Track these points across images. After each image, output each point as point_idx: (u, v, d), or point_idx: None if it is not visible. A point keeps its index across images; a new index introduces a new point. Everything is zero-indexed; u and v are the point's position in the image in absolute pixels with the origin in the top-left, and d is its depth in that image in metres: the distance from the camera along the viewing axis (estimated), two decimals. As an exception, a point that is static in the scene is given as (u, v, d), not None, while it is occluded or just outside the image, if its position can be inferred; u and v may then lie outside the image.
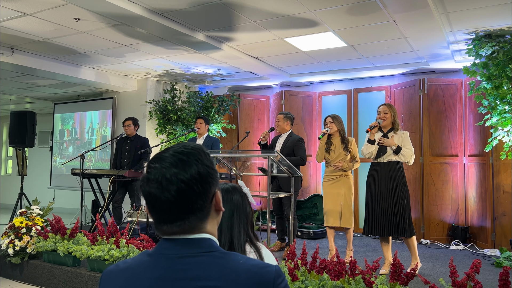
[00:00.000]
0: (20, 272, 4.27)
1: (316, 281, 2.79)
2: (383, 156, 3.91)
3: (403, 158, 3.86)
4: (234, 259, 0.92)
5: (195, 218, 0.94)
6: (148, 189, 0.93)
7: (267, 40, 4.99)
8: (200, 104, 6.93)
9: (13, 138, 6.73)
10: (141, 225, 4.78)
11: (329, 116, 4.44)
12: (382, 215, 3.83)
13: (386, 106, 4.01)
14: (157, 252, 0.95)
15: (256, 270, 0.89)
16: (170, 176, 0.92)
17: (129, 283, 0.93)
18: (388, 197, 3.83)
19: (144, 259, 0.95)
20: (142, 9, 4.05)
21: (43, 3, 3.98)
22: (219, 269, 0.89)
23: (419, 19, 4.10)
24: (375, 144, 3.94)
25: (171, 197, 0.91)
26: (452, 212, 5.63)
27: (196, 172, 0.93)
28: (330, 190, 4.37)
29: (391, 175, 3.86)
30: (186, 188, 0.92)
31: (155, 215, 0.95)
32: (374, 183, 3.92)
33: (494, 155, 4.97)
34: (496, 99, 4.57)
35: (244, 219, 1.66)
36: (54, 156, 8.34)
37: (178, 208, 0.92)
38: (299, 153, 4.65)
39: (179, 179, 0.92)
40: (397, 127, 3.97)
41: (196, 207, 0.94)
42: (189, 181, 0.92)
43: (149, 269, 0.93)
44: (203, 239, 0.95)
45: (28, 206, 4.67)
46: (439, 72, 6.08)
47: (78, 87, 7.46)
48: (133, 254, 3.63)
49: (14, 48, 5.49)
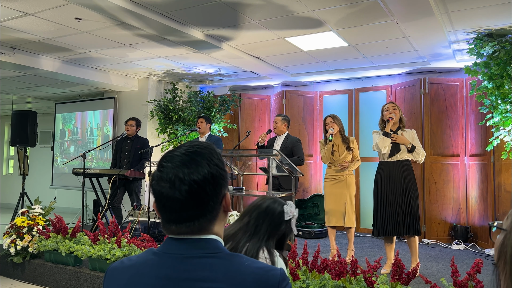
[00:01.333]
0: (22, 271, 4.27)
1: (317, 280, 2.79)
2: (396, 154, 3.83)
3: (418, 156, 3.80)
4: (239, 261, 0.92)
5: (204, 220, 0.94)
6: (159, 188, 0.93)
7: (268, 39, 4.98)
8: (201, 104, 6.94)
9: (15, 138, 6.74)
10: (143, 224, 4.79)
11: (329, 116, 4.41)
12: (397, 215, 3.75)
13: (394, 103, 3.97)
14: (163, 251, 0.95)
15: (261, 273, 0.89)
16: (183, 175, 0.91)
17: (134, 280, 0.93)
18: (402, 196, 3.77)
19: (150, 257, 0.95)
20: (143, 9, 4.06)
21: (44, 3, 3.99)
22: (224, 271, 0.89)
23: (420, 19, 4.09)
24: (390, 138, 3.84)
25: (182, 197, 0.91)
26: (454, 211, 5.63)
27: (209, 172, 0.93)
28: (332, 190, 4.37)
29: (405, 173, 3.79)
30: (198, 188, 0.91)
31: (164, 214, 0.94)
32: (386, 182, 3.83)
33: (495, 154, 4.97)
34: (497, 99, 4.56)
35: (274, 229, 1.67)
36: (56, 155, 8.35)
37: (188, 208, 0.92)
38: (297, 154, 4.77)
39: (191, 179, 0.91)
40: (404, 125, 3.92)
41: (206, 208, 0.94)
42: (201, 181, 0.92)
43: (155, 268, 0.93)
44: (210, 240, 0.95)
45: (29, 206, 4.68)
46: (441, 71, 6.08)
47: (79, 87, 7.46)
48: (135, 253, 3.63)
49: (15, 48, 5.49)
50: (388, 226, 3.78)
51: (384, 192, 3.83)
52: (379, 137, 3.88)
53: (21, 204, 6.42)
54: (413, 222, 3.74)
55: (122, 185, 5.45)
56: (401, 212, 3.76)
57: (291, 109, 6.80)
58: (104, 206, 5.22)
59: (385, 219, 3.80)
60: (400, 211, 3.76)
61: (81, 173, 5.19)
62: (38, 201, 4.76)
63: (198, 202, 0.92)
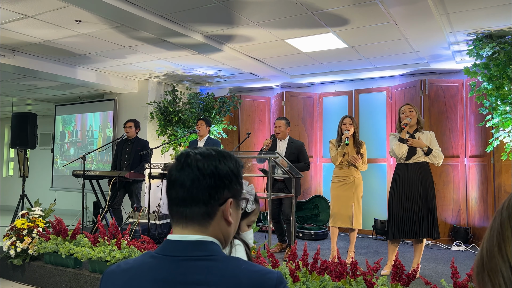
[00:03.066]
0: (22, 273, 4.27)
1: (317, 282, 2.79)
2: (413, 157, 3.78)
3: (434, 159, 3.74)
4: (235, 265, 0.92)
5: (208, 210, 0.96)
6: (170, 171, 0.99)
7: (268, 41, 4.99)
8: (201, 105, 6.94)
9: (15, 140, 6.74)
10: (142, 226, 4.79)
11: (348, 117, 4.35)
12: (414, 217, 3.70)
13: (410, 105, 3.89)
14: (160, 253, 0.95)
15: (257, 276, 0.89)
16: (208, 164, 0.97)
17: (131, 284, 0.93)
18: (419, 198, 3.71)
19: (147, 260, 0.96)
20: (142, 11, 4.06)
21: (44, 5, 3.99)
22: (221, 274, 0.89)
23: (419, 20, 4.10)
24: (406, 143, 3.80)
25: (187, 177, 0.96)
26: (454, 212, 5.63)
27: (232, 166, 0.99)
28: (339, 192, 4.34)
29: (422, 176, 3.74)
30: (201, 175, 0.96)
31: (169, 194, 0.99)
32: (404, 185, 3.78)
33: (495, 155, 4.97)
34: (497, 100, 4.57)
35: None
36: (56, 157, 8.35)
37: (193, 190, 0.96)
38: (304, 160, 4.73)
39: (216, 166, 0.97)
40: (422, 126, 3.86)
41: (212, 197, 0.97)
42: (221, 171, 0.97)
43: (152, 271, 0.93)
44: (206, 242, 0.95)
45: (29, 208, 4.68)
46: (440, 73, 6.08)
47: (79, 89, 7.47)
48: (135, 255, 3.64)
49: (15, 50, 5.50)
50: (405, 228, 3.72)
51: (401, 194, 3.77)
52: (395, 144, 3.83)
53: (21, 206, 6.42)
54: (432, 225, 3.69)
55: (122, 186, 5.46)
56: (418, 214, 3.70)
57: (291, 110, 6.80)
58: (104, 207, 5.22)
59: (403, 222, 3.74)
60: (416, 214, 3.70)
61: (81, 175, 5.20)
62: (38, 203, 4.76)
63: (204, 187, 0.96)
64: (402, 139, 3.79)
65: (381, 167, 6.32)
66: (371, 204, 6.27)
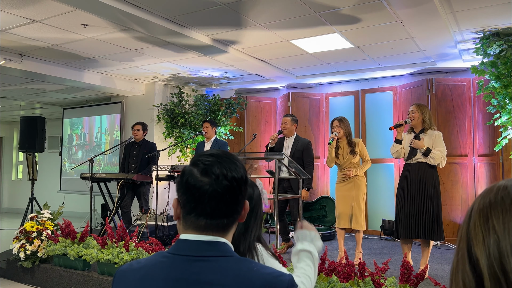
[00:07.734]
0: (31, 276, 4.31)
1: (325, 283, 2.78)
2: (413, 158, 3.80)
3: (432, 160, 3.72)
4: (248, 266, 0.92)
5: (231, 220, 0.96)
6: (197, 182, 0.93)
7: (273, 42, 4.99)
8: (207, 107, 6.96)
9: (23, 144, 6.80)
10: (150, 228, 4.80)
11: (336, 119, 4.38)
12: (418, 218, 3.72)
13: (415, 105, 3.91)
14: (174, 253, 0.95)
15: (270, 279, 0.90)
16: (226, 171, 0.94)
17: (144, 283, 0.93)
18: (416, 199, 3.73)
19: (160, 260, 0.95)
20: (148, 14, 4.08)
21: (51, 10, 4.03)
22: (234, 275, 0.90)
23: (425, 19, 4.08)
24: (401, 143, 3.85)
25: (222, 191, 0.93)
26: (462, 212, 5.58)
27: (244, 174, 0.98)
28: (342, 192, 4.35)
29: (421, 176, 3.74)
30: (236, 186, 0.95)
31: (196, 209, 0.94)
32: (405, 185, 3.82)
33: (504, 154, 4.92)
34: (505, 98, 4.52)
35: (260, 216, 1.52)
36: (64, 160, 8.42)
37: (225, 203, 0.94)
38: (307, 157, 4.75)
39: (232, 176, 0.95)
40: (427, 127, 3.84)
41: (238, 207, 0.96)
42: (239, 180, 0.96)
43: (165, 270, 0.93)
44: (219, 243, 0.95)
45: (38, 211, 4.72)
46: (447, 71, 6.04)
47: (87, 92, 7.52)
48: (142, 257, 3.64)
49: (23, 54, 5.56)
50: (410, 228, 3.75)
51: (406, 194, 3.82)
52: (392, 144, 3.94)
53: (30, 209, 6.48)
54: (436, 227, 3.67)
55: (130, 189, 5.48)
56: (421, 215, 3.70)
57: (297, 111, 6.79)
58: (112, 210, 5.25)
59: (408, 222, 3.77)
60: (419, 214, 3.71)
61: (89, 178, 5.23)
62: (46, 205, 4.80)
63: (234, 199, 0.95)
64: (397, 140, 3.89)
65: (389, 167, 6.29)
66: (379, 204, 6.24)
